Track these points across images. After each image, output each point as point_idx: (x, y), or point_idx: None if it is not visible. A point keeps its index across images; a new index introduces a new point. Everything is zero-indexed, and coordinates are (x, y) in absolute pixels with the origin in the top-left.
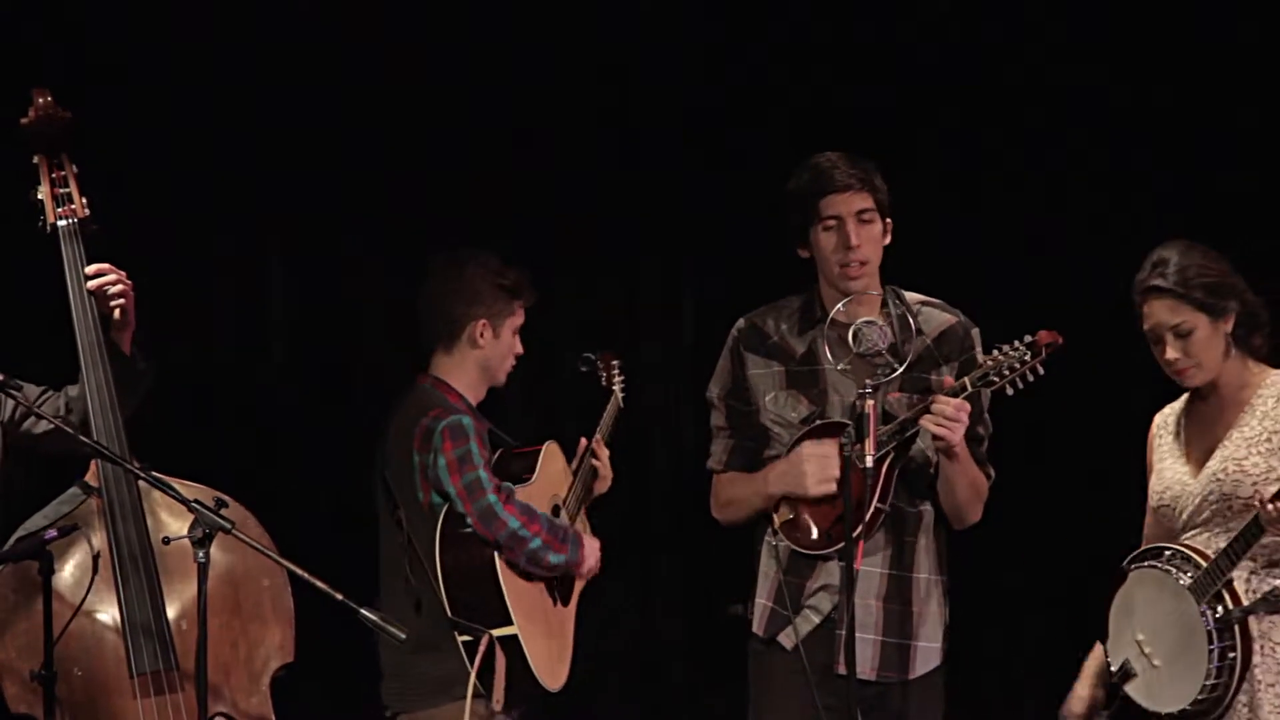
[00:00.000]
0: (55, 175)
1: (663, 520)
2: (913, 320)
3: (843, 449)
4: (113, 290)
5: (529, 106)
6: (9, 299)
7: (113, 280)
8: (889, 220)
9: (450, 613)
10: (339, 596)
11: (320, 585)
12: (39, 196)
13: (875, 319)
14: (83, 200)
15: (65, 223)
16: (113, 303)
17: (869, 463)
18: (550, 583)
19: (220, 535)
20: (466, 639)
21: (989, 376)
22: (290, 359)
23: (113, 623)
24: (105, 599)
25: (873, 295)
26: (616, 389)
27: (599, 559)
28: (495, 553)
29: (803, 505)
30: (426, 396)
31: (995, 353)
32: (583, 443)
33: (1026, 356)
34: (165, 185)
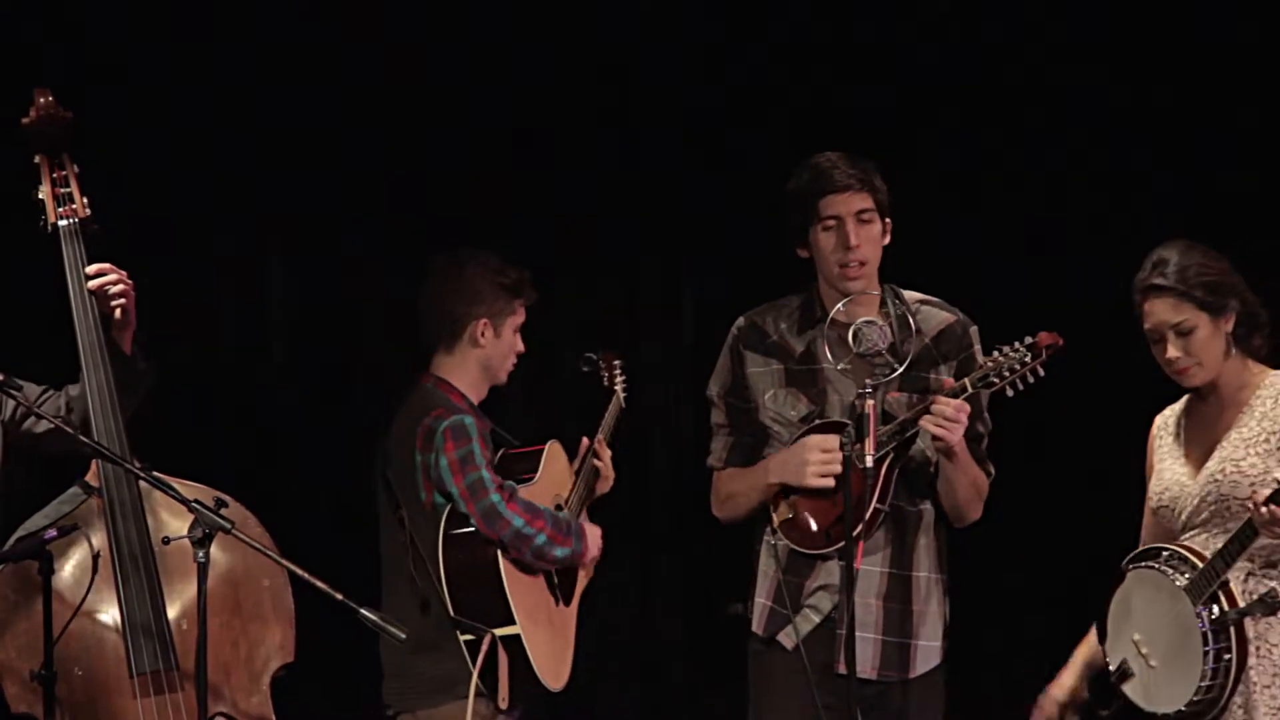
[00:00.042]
0: (56, 175)
1: (663, 520)
2: (912, 320)
3: (843, 449)
4: (114, 290)
5: (529, 106)
6: (10, 299)
7: (113, 280)
8: (888, 220)
9: (453, 612)
10: (339, 596)
11: (320, 585)
12: (40, 196)
13: (875, 319)
14: (84, 200)
15: (66, 222)
16: (113, 302)
17: (869, 463)
18: (552, 582)
19: (220, 535)
20: (469, 638)
21: (989, 378)
22: (290, 359)
23: (113, 622)
24: (105, 599)
25: (872, 295)
26: (618, 389)
27: (601, 546)
28: (498, 552)
29: (802, 504)
30: (429, 396)
31: (995, 354)
32: (584, 442)
33: (1027, 358)
34: (165, 185)
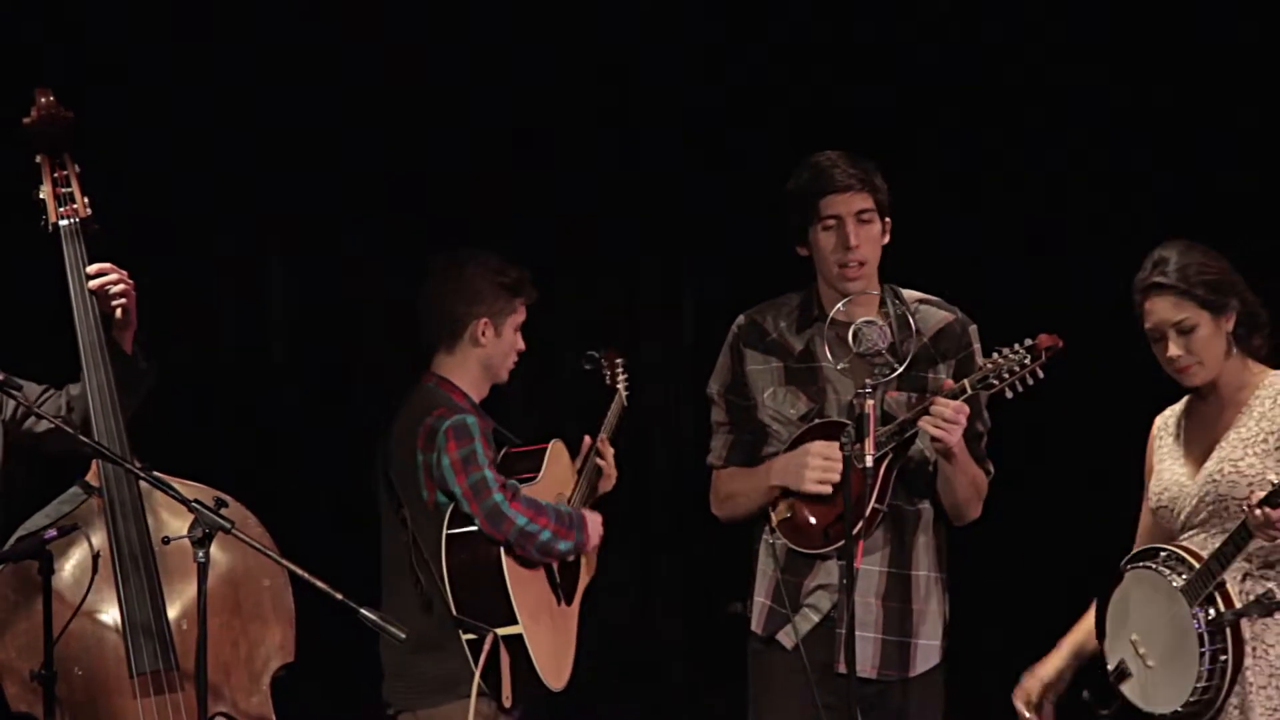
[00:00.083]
0: (57, 175)
1: (663, 520)
2: (912, 320)
3: (842, 448)
4: (114, 290)
5: (529, 106)
6: (10, 298)
7: (114, 280)
8: (888, 220)
9: (455, 612)
10: (339, 596)
11: (320, 585)
12: (41, 196)
13: (875, 318)
14: (85, 200)
15: (67, 222)
16: (114, 302)
17: (868, 463)
18: (554, 581)
19: (221, 535)
20: (471, 638)
21: (988, 379)
22: (290, 359)
23: (113, 622)
24: (105, 598)
25: (871, 295)
26: (620, 387)
27: (601, 533)
28: (501, 551)
29: (801, 504)
30: (430, 395)
31: (995, 355)
32: (587, 441)
33: (1026, 360)
34: (165, 185)
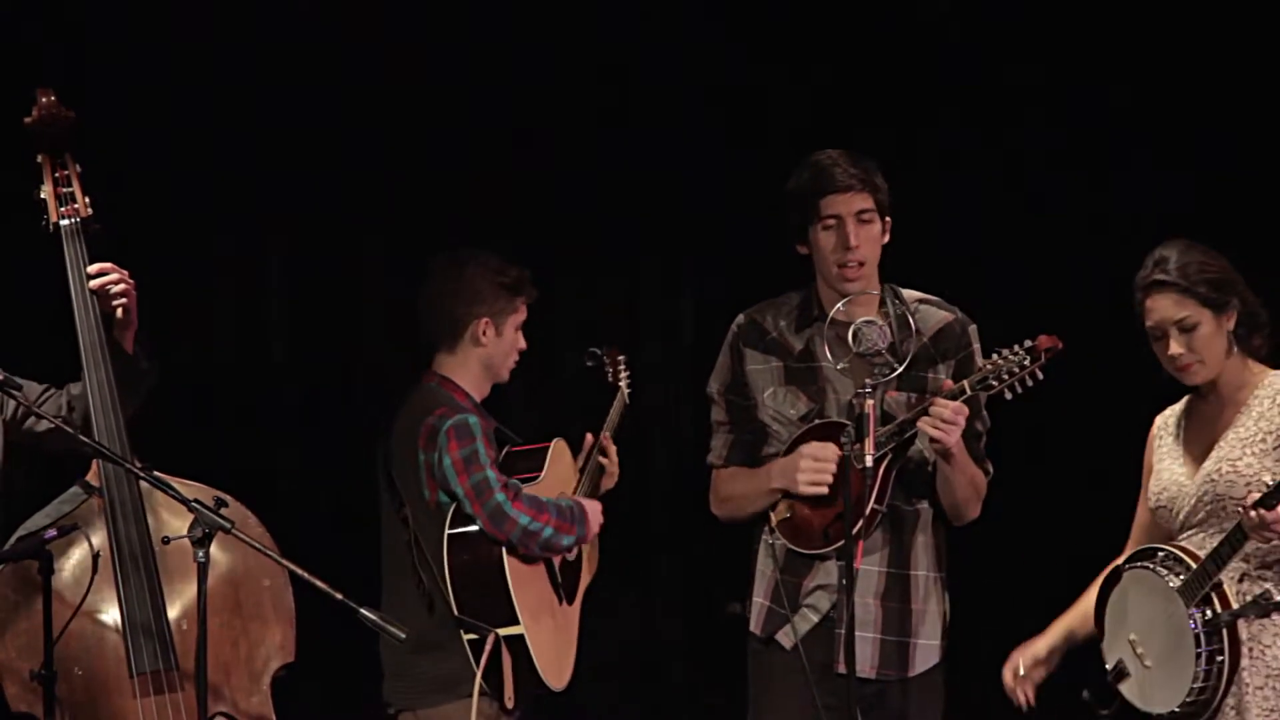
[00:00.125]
0: (58, 174)
1: (663, 520)
2: (912, 320)
3: (842, 448)
4: (115, 289)
5: (529, 106)
6: (11, 298)
7: (115, 279)
8: (888, 219)
9: (456, 612)
10: (339, 596)
11: (320, 585)
12: (42, 196)
13: (875, 318)
14: (85, 199)
15: (68, 222)
16: (115, 302)
17: (868, 463)
18: (555, 581)
19: (221, 535)
20: (472, 638)
21: (988, 380)
22: (290, 359)
23: (113, 622)
24: (105, 598)
25: (871, 294)
26: (622, 384)
27: (601, 520)
28: (503, 552)
29: (800, 504)
30: (432, 395)
31: (995, 356)
32: (589, 439)
33: (1026, 361)
34: (165, 185)
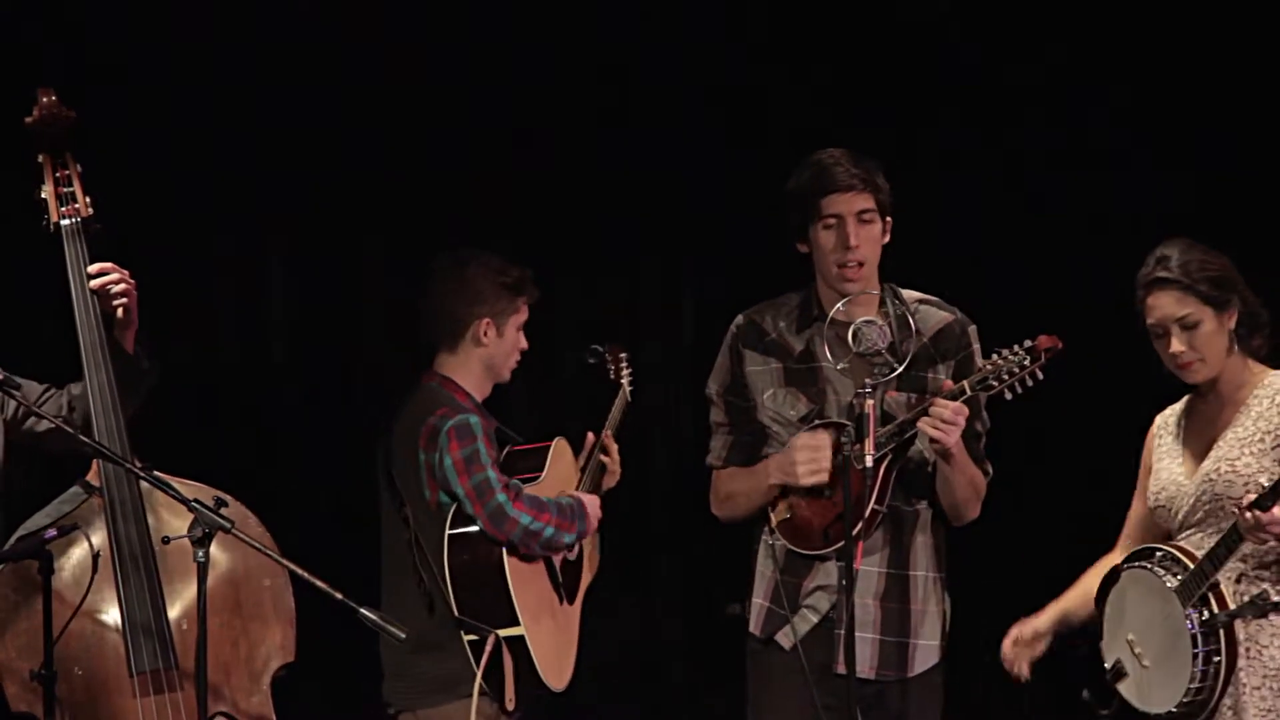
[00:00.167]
0: (59, 174)
1: (663, 520)
2: (911, 320)
3: (842, 448)
4: (115, 289)
5: (529, 106)
6: (11, 298)
7: (115, 279)
8: (889, 220)
9: (456, 612)
10: (339, 596)
11: (320, 585)
12: (42, 195)
13: (875, 318)
14: (86, 199)
15: (68, 222)
16: (115, 302)
17: (868, 463)
18: (556, 581)
19: (221, 535)
20: (472, 638)
21: (988, 380)
22: (290, 359)
23: (113, 622)
24: (105, 598)
25: (871, 294)
26: (624, 382)
27: (600, 514)
28: (503, 552)
29: (800, 505)
30: (432, 395)
31: (995, 357)
32: (590, 438)
33: (1026, 361)
34: (165, 185)
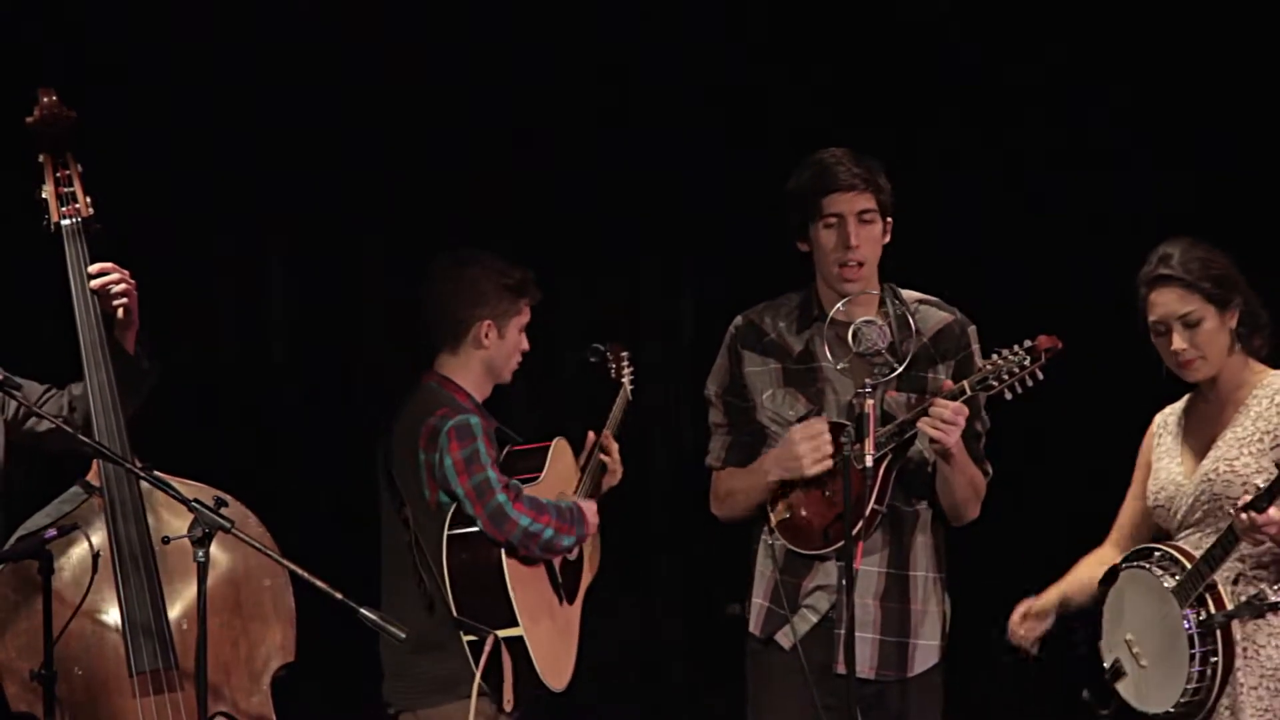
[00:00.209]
0: (60, 174)
1: (663, 520)
2: (911, 320)
3: (842, 448)
4: (116, 289)
5: (529, 106)
6: (12, 298)
7: (116, 279)
8: (890, 220)
9: (455, 613)
10: (339, 596)
11: (320, 585)
12: (43, 195)
13: (874, 318)
14: (87, 199)
15: (69, 221)
16: (116, 302)
17: (868, 463)
18: (556, 581)
19: (221, 535)
20: (471, 639)
21: (987, 380)
22: (290, 359)
23: (113, 622)
24: (105, 598)
25: (871, 294)
26: (625, 381)
27: (597, 519)
28: (502, 553)
29: (799, 505)
30: (433, 395)
31: (995, 357)
32: (590, 437)
33: (1026, 361)
34: (165, 185)
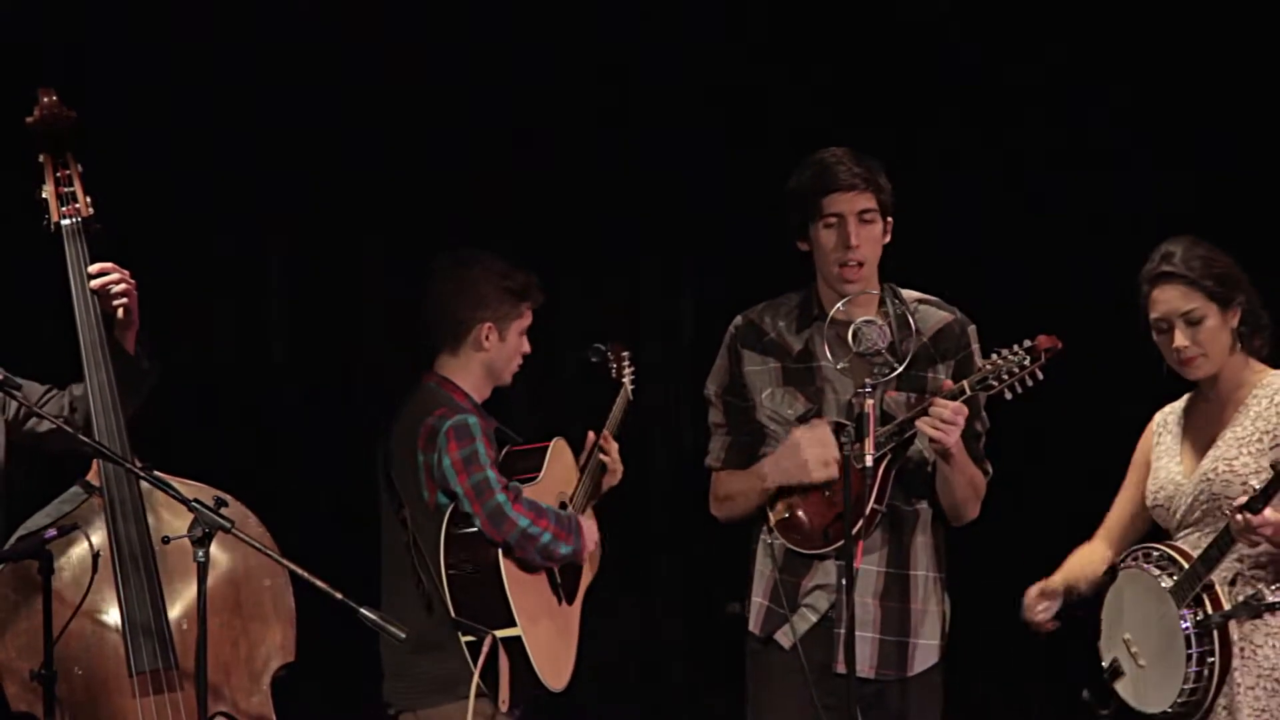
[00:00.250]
0: (60, 174)
1: (663, 520)
2: (911, 319)
3: (842, 448)
4: (116, 289)
5: (529, 106)
6: (12, 298)
7: (116, 279)
8: (890, 219)
9: (453, 613)
10: (339, 596)
11: (320, 585)
12: (43, 195)
13: (874, 318)
14: (87, 199)
15: (69, 221)
16: (116, 302)
17: (868, 463)
18: (555, 581)
19: (221, 535)
20: (470, 639)
21: (987, 380)
22: (290, 359)
23: (113, 622)
24: (105, 598)
25: (871, 294)
26: (626, 381)
27: (597, 538)
28: (500, 553)
29: (799, 505)
30: (432, 395)
31: (994, 356)
32: (590, 437)
33: (1025, 361)
34: (165, 185)
